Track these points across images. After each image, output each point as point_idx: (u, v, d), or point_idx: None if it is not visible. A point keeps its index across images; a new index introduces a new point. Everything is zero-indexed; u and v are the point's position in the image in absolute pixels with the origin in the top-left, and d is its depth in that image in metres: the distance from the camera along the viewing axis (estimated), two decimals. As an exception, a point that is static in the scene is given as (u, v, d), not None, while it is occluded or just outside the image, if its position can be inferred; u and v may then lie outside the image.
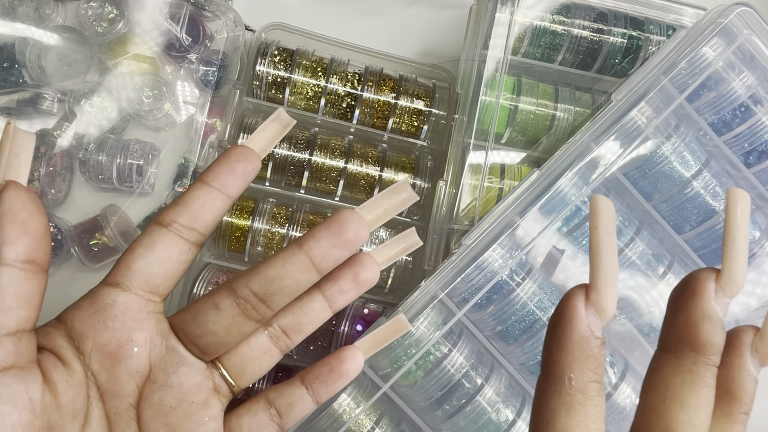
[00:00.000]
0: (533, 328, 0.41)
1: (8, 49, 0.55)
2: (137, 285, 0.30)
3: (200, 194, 0.31)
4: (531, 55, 0.53)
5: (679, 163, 0.43)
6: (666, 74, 0.42)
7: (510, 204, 0.41)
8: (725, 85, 0.43)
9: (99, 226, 0.55)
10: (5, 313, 0.26)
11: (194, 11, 0.58)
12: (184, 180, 0.59)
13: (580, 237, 0.43)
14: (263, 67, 0.55)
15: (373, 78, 0.57)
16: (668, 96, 0.42)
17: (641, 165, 0.43)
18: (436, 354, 0.41)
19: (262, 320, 0.32)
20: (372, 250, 0.36)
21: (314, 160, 0.55)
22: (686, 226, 0.44)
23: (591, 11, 0.52)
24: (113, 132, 0.57)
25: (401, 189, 0.33)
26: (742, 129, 0.44)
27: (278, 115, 0.34)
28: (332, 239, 0.31)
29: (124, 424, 0.30)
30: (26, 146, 0.27)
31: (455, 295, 0.41)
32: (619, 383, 0.41)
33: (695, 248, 0.44)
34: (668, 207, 0.44)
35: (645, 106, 0.42)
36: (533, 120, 0.52)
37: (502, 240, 0.41)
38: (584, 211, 0.43)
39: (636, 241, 0.43)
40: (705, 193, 0.43)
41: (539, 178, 0.42)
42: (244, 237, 0.54)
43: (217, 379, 0.33)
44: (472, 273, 0.41)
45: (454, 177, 0.51)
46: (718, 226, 0.44)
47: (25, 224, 0.26)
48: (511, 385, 0.43)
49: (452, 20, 0.64)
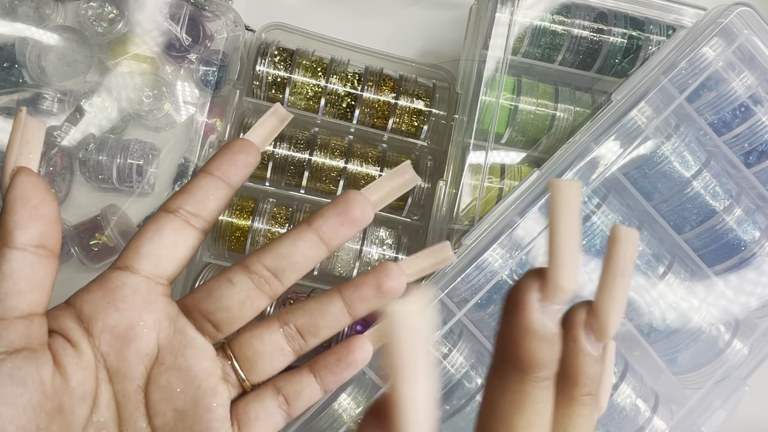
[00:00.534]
0: None
1: (8, 49, 0.55)
2: (146, 268, 0.31)
3: (204, 183, 0.32)
4: (531, 55, 0.53)
5: (679, 163, 0.43)
6: (666, 74, 0.42)
7: (510, 204, 0.41)
8: (725, 85, 0.43)
9: (99, 226, 0.55)
10: (17, 297, 0.27)
11: (194, 11, 0.58)
12: (184, 180, 0.59)
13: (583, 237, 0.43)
14: (263, 67, 0.55)
15: (373, 78, 0.57)
16: (668, 96, 0.42)
17: (641, 165, 0.43)
18: (436, 354, 0.41)
19: (274, 295, 0.32)
20: (402, 260, 0.35)
21: (314, 160, 0.55)
22: (686, 226, 0.44)
23: (591, 11, 0.52)
24: (113, 132, 0.57)
25: (403, 171, 0.33)
26: (742, 129, 0.44)
27: (275, 110, 0.34)
28: (339, 218, 0.32)
29: (132, 406, 0.30)
30: (37, 134, 0.28)
31: (455, 295, 0.41)
32: (619, 383, 0.41)
33: (695, 248, 0.44)
34: (668, 207, 0.44)
35: (645, 106, 0.42)
36: (533, 120, 0.52)
37: (502, 240, 0.41)
38: (584, 211, 0.43)
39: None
40: (705, 193, 0.43)
41: (539, 178, 0.42)
42: (244, 237, 0.54)
43: (227, 368, 0.33)
44: (472, 273, 0.41)
45: (454, 177, 0.51)
46: (719, 226, 0.44)
47: (36, 209, 0.27)
48: None
49: (452, 20, 0.64)
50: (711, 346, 0.44)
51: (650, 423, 0.41)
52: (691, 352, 0.43)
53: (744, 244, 0.43)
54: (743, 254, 0.44)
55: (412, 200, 0.56)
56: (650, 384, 0.43)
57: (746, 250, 0.43)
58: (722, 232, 0.44)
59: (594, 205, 0.42)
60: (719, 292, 0.44)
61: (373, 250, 0.55)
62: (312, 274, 0.55)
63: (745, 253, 0.44)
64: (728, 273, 0.44)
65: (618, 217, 0.43)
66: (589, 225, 0.42)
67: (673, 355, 0.44)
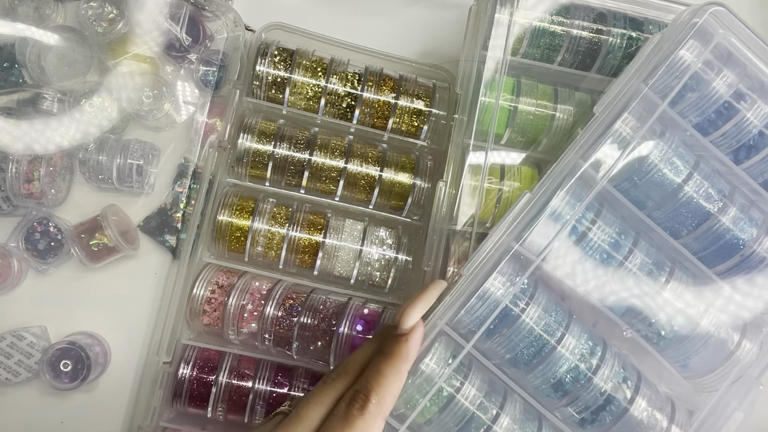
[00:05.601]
0: (543, 352, 0.41)
1: (8, 49, 0.55)
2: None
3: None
4: (530, 55, 0.53)
5: (669, 170, 0.43)
6: (646, 82, 0.42)
7: (505, 230, 0.41)
8: (706, 86, 0.43)
9: (99, 226, 0.55)
10: None
11: (194, 11, 0.58)
12: (184, 180, 0.59)
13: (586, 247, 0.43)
14: (263, 67, 0.55)
15: (373, 78, 0.57)
16: (650, 103, 0.42)
17: (631, 175, 0.42)
18: (448, 389, 0.40)
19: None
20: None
21: (314, 160, 0.55)
22: (683, 230, 0.44)
23: (590, 12, 0.52)
24: (113, 132, 0.57)
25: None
26: (729, 127, 0.43)
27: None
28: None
29: None
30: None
31: (461, 327, 0.41)
32: (635, 396, 0.41)
33: (694, 251, 0.44)
34: (663, 214, 0.44)
35: (628, 117, 0.42)
36: (533, 121, 0.52)
37: (501, 267, 0.40)
38: (579, 228, 0.42)
39: (635, 252, 0.42)
40: (698, 197, 0.43)
41: (530, 201, 0.41)
42: (244, 237, 0.54)
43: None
44: (475, 304, 0.40)
45: (453, 178, 0.51)
46: (715, 227, 0.43)
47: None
48: (526, 410, 0.42)
49: (452, 20, 0.64)
50: (721, 349, 0.43)
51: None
52: (702, 356, 0.43)
53: (743, 243, 0.43)
54: (743, 252, 0.43)
55: (412, 200, 0.56)
56: (665, 391, 0.43)
57: (746, 248, 0.43)
58: (720, 233, 0.43)
59: (589, 221, 0.42)
60: (726, 296, 0.43)
61: (373, 250, 0.55)
62: (312, 274, 0.55)
63: (745, 251, 0.43)
64: (734, 276, 0.44)
65: (615, 229, 0.42)
66: (586, 242, 0.42)
67: (685, 360, 0.43)
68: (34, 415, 0.56)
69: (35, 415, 0.56)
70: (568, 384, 0.41)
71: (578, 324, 0.42)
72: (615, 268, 0.42)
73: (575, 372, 0.41)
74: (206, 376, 0.52)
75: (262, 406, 0.52)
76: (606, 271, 0.42)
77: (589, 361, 0.41)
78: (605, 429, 0.41)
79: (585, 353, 0.41)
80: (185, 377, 0.52)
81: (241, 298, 0.52)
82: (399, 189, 0.56)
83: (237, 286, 0.53)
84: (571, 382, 0.41)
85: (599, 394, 0.41)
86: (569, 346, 0.41)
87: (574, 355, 0.41)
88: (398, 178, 0.56)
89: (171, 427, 0.53)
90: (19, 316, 0.56)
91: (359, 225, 0.56)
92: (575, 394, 0.41)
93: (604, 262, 0.42)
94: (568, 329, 0.41)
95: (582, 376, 0.41)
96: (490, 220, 0.51)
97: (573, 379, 0.41)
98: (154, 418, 0.53)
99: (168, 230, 0.58)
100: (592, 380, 0.41)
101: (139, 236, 0.58)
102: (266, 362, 0.54)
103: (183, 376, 0.52)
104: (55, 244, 0.55)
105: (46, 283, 0.57)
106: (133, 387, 0.56)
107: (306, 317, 0.52)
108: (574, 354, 0.41)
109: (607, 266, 0.42)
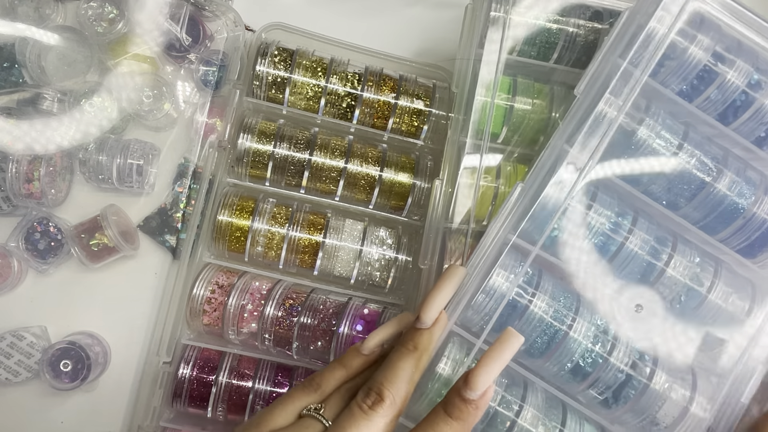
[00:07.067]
0: (556, 339, 0.41)
1: (8, 49, 0.55)
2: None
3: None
4: (526, 53, 0.53)
5: (659, 144, 0.42)
6: (623, 57, 0.41)
7: (501, 222, 0.41)
8: (683, 53, 0.42)
9: (99, 226, 0.55)
10: None
11: (194, 11, 0.58)
12: (184, 180, 0.59)
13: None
14: (263, 67, 0.55)
15: (373, 78, 0.57)
16: (630, 77, 0.41)
17: (621, 155, 0.42)
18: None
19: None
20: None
21: (314, 160, 0.55)
22: (680, 200, 0.44)
23: (586, 9, 0.52)
24: (113, 132, 0.57)
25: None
26: (712, 90, 0.43)
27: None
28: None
29: None
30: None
31: (472, 326, 0.41)
32: (655, 369, 0.41)
33: (695, 221, 0.43)
34: (659, 188, 0.43)
35: (609, 96, 0.41)
36: (529, 119, 0.52)
37: (502, 261, 0.40)
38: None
39: (635, 231, 0.42)
40: (691, 166, 0.42)
41: (523, 192, 0.41)
42: (244, 237, 0.54)
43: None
44: (482, 300, 0.40)
45: (450, 176, 0.51)
46: (713, 194, 0.43)
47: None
48: (548, 398, 0.42)
49: (452, 20, 0.64)
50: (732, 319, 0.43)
51: (692, 402, 0.41)
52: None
53: (742, 206, 0.43)
54: (745, 214, 0.43)
55: (412, 200, 0.56)
56: (685, 360, 0.43)
57: (746, 211, 0.43)
58: (718, 199, 0.43)
59: (584, 206, 0.42)
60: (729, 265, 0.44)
61: (373, 250, 0.55)
62: (312, 274, 0.55)
63: (746, 213, 0.43)
64: (736, 241, 0.44)
65: (614, 210, 0.42)
66: (586, 226, 0.42)
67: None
68: (34, 415, 0.56)
69: (35, 415, 0.56)
70: (587, 366, 0.41)
71: (587, 306, 0.42)
72: (616, 249, 0.43)
73: (591, 354, 0.41)
74: (206, 376, 0.52)
75: (262, 406, 0.52)
76: (607, 252, 0.43)
77: (603, 341, 0.41)
78: (629, 406, 0.41)
79: (598, 334, 0.41)
80: (185, 377, 0.52)
81: (241, 298, 0.52)
82: (399, 189, 0.56)
83: (237, 286, 0.53)
84: (589, 364, 0.41)
85: (618, 372, 0.41)
86: (581, 329, 0.41)
87: (587, 337, 0.41)
88: (398, 178, 0.56)
89: (171, 427, 0.53)
90: (19, 316, 0.56)
91: (359, 225, 0.56)
92: (595, 376, 0.41)
93: (604, 246, 0.43)
94: (578, 312, 0.41)
95: (598, 356, 0.41)
96: (487, 218, 0.51)
97: (591, 362, 0.41)
98: (154, 418, 0.53)
99: (168, 230, 0.58)
100: (609, 360, 0.41)
101: (139, 236, 0.58)
102: (266, 362, 0.54)
103: (183, 376, 0.52)
104: (55, 244, 0.55)
105: (46, 283, 0.57)
106: (133, 387, 0.56)
107: (306, 317, 0.52)
108: (587, 336, 0.41)
109: (608, 248, 0.43)
